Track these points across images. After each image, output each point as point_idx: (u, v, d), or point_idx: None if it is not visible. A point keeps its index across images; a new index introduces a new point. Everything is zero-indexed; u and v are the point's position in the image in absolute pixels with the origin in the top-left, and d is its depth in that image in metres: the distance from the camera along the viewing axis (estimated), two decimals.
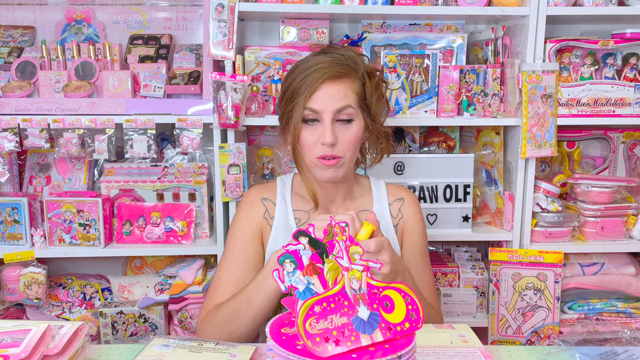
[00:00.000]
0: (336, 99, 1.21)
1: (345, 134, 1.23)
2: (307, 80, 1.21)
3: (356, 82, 1.25)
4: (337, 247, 0.85)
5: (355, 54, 1.29)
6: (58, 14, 2.01)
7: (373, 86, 1.27)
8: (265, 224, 1.34)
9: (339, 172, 1.25)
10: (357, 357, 0.79)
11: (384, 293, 0.84)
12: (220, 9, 1.69)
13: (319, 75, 1.20)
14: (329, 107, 1.21)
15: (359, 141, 1.26)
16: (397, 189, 1.41)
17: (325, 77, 1.20)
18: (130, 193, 1.87)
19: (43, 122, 1.73)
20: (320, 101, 1.21)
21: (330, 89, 1.21)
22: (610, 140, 2.02)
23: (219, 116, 1.69)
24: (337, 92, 1.21)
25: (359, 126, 1.25)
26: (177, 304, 1.77)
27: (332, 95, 1.21)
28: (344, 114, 1.22)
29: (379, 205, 1.37)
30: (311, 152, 1.23)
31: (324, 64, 1.22)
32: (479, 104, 1.85)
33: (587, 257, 1.92)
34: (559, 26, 2.00)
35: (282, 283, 0.84)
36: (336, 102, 1.21)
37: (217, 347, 1.05)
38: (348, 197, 1.36)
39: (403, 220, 1.37)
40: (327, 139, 1.20)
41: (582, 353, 1.09)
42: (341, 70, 1.22)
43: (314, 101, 1.21)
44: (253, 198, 1.37)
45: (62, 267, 2.05)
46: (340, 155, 1.23)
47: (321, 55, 1.27)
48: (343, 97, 1.21)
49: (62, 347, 0.96)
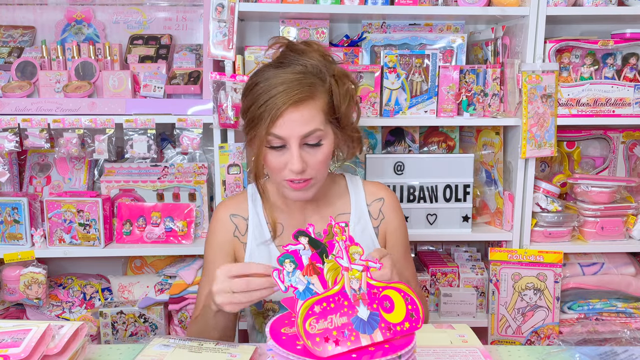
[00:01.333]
0: (302, 123, 1.12)
1: (314, 156, 1.15)
2: (269, 105, 1.11)
3: (323, 98, 1.15)
4: (337, 247, 0.85)
5: (319, 61, 1.17)
6: (58, 14, 2.01)
7: (342, 93, 1.18)
8: (236, 242, 1.29)
9: (309, 192, 1.20)
10: (357, 357, 0.79)
11: (384, 293, 0.84)
12: (220, 9, 1.69)
13: (281, 101, 1.10)
14: (295, 133, 1.12)
15: (329, 158, 1.19)
16: (376, 188, 1.35)
17: (288, 103, 1.10)
18: (130, 193, 1.87)
19: (43, 122, 1.73)
20: (285, 127, 1.11)
21: (295, 114, 1.11)
22: (610, 140, 2.02)
23: (219, 116, 1.69)
24: (301, 117, 1.11)
25: (328, 145, 1.17)
26: (177, 304, 1.77)
27: (297, 120, 1.11)
28: (311, 137, 1.13)
29: (357, 208, 1.31)
30: (279, 175, 1.17)
31: (286, 86, 1.11)
32: (478, 104, 1.85)
33: (587, 257, 1.92)
34: (559, 26, 2.00)
35: (282, 283, 0.84)
36: (302, 127, 1.12)
37: (217, 347, 1.05)
38: (322, 201, 1.30)
39: (385, 221, 1.32)
40: (295, 167, 1.13)
41: (582, 353, 1.09)
42: (306, 93, 1.12)
43: (278, 128, 1.11)
44: (221, 216, 1.31)
45: (62, 267, 2.05)
46: (311, 177, 1.17)
47: (281, 70, 1.15)
48: (309, 121, 1.12)
49: (62, 347, 0.96)
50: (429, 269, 1.98)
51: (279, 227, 1.29)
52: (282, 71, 1.15)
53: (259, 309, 1.32)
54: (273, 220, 1.28)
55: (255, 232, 1.29)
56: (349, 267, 0.84)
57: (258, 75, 1.18)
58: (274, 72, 1.15)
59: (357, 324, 0.81)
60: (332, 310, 0.81)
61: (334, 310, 0.81)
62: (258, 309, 1.32)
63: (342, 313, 0.81)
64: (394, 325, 0.83)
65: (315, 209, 1.30)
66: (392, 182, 1.85)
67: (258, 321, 1.34)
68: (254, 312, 1.34)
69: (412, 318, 0.83)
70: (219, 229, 1.31)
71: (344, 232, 0.86)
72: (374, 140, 1.94)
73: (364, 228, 1.31)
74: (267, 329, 0.88)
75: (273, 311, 1.31)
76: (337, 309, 0.81)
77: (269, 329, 0.88)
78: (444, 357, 1.04)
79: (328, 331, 0.80)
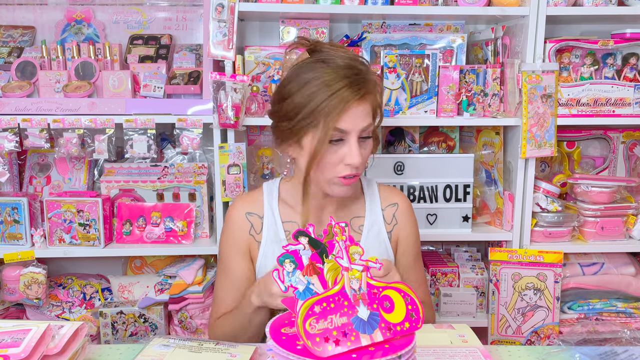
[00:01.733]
0: (362, 118, 1.15)
1: (365, 150, 1.19)
2: (333, 100, 1.12)
3: (375, 97, 1.19)
4: (337, 247, 0.85)
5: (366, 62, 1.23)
6: (58, 14, 2.01)
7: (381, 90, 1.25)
8: (252, 240, 1.30)
9: (353, 187, 1.23)
10: (357, 357, 0.79)
11: (384, 293, 0.84)
12: (220, 9, 1.69)
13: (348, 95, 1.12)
14: (357, 126, 1.15)
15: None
16: (391, 193, 1.36)
17: (355, 97, 1.13)
18: (130, 193, 1.87)
19: (43, 122, 1.73)
20: (349, 121, 1.14)
21: (358, 109, 1.14)
22: (610, 140, 2.02)
23: (219, 116, 1.69)
24: (362, 111, 1.15)
25: (373, 139, 1.22)
26: (177, 304, 1.77)
27: (359, 115, 1.15)
28: (366, 131, 1.17)
29: (372, 212, 1.32)
30: (332, 171, 1.18)
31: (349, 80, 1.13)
32: (478, 104, 1.85)
33: (587, 257, 1.92)
34: (559, 26, 2.00)
35: (282, 283, 0.84)
36: (362, 121, 1.15)
37: (217, 347, 1.05)
38: (340, 204, 1.31)
39: (398, 227, 1.33)
40: (355, 161, 1.15)
41: (582, 353, 1.09)
42: (368, 86, 1.16)
43: (343, 122, 1.13)
44: (237, 214, 1.31)
45: (62, 267, 2.05)
46: (360, 172, 1.20)
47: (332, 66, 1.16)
48: (367, 116, 1.16)
49: (62, 347, 0.96)
50: (429, 269, 1.98)
51: (294, 226, 1.29)
52: (335, 66, 1.15)
53: None
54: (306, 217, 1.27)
55: (269, 231, 1.29)
56: (349, 267, 0.84)
57: (304, 72, 1.17)
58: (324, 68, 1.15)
59: (357, 324, 0.81)
60: (332, 310, 0.81)
61: (334, 310, 0.81)
62: None
63: (342, 313, 0.81)
64: (394, 325, 0.83)
65: (332, 211, 1.30)
66: (392, 182, 1.85)
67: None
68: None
69: (412, 318, 0.83)
70: (234, 226, 1.31)
71: (344, 232, 0.86)
72: None
73: (377, 233, 1.31)
74: (267, 329, 0.88)
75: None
76: (337, 309, 0.81)
77: (269, 329, 0.88)
78: (444, 357, 1.04)
79: (328, 331, 0.80)
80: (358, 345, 0.80)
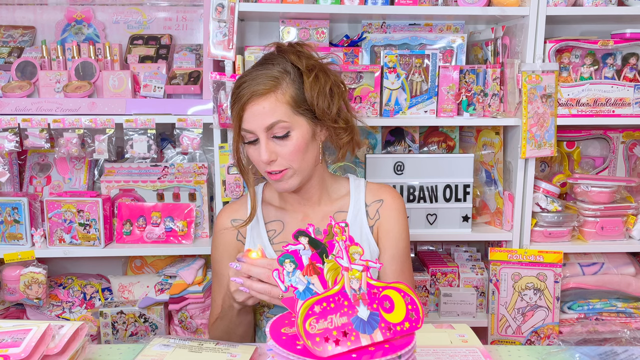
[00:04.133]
0: (263, 116, 1.18)
1: (283, 147, 1.20)
2: (236, 100, 1.20)
3: (288, 90, 1.19)
4: (337, 247, 0.85)
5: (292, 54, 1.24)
6: (58, 14, 2.02)
7: (311, 84, 1.21)
8: (240, 245, 1.35)
9: (290, 182, 1.23)
10: (357, 357, 0.79)
11: (384, 293, 0.84)
12: (220, 9, 1.69)
13: (244, 94, 1.18)
14: (259, 125, 1.18)
15: (304, 149, 1.21)
16: (379, 190, 1.36)
17: (249, 96, 1.17)
18: (130, 193, 1.87)
19: (43, 122, 1.73)
20: (250, 121, 1.19)
21: (256, 107, 1.18)
22: (610, 140, 2.02)
23: (219, 116, 1.69)
24: (262, 109, 1.18)
25: (299, 135, 1.20)
26: (177, 304, 1.77)
27: (259, 112, 1.18)
28: (276, 129, 1.18)
29: (356, 207, 1.33)
30: (259, 167, 1.25)
31: (250, 81, 1.19)
32: (478, 104, 1.85)
33: (587, 257, 1.92)
34: (559, 26, 2.00)
35: (282, 283, 0.84)
36: (264, 119, 1.18)
37: (217, 347, 1.05)
38: (324, 199, 1.33)
39: (379, 221, 1.32)
40: (263, 157, 1.19)
41: (582, 353, 1.09)
42: (265, 85, 1.18)
43: (245, 122, 1.20)
44: (223, 223, 1.36)
45: (62, 267, 2.05)
46: (285, 167, 1.21)
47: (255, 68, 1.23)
48: (270, 113, 1.18)
49: (63, 347, 0.96)
50: (429, 269, 1.98)
51: (279, 224, 1.33)
52: (254, 69, 1.23)
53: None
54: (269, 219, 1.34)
55: (253, 234, 1.33)
56: (349, 267, 0.84)
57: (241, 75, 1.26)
58: (248, 70, 1.24)
59: (357, 324, 0.81)
60: (332, 310, 0.81)
61: (334, 310, 0.81)
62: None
63: (342, 313, 0.81)
64: (394, 325, 0.83)
65: (316, 207, 1.33)
66: (392, 182, 1.85)
67: (256, 318, 1.36)
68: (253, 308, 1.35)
69: (412, 318, 0.83)
70: (221, 235, 1.36)
71: (344, 232, 0.86)
72: (374, 140, 1.94)
73: (360, 227, 1.32)
74: (267, 329, 0.88)
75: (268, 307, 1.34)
76: (337, 309, 0.81)
77: (269, 329, 0.88)
78: (444, 357, 1.04)
79: (328, 331, 0.80)
80: (358, 345, 0.80)
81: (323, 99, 1.22)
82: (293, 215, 1.33)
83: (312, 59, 1.26)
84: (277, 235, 1.32)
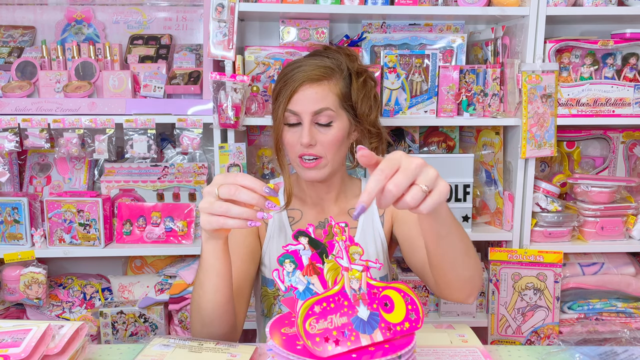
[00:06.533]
0: (314, 101, 1.22)
1: (324, 135, 1.23)
2: (288, 82, 1.23)
3: (339, 84, 1.25)
4: (337, 247, 0.85)
5: (343, 55, 1.30)
6: (58, 14, 2.02)
7: (359, 86, 1.28)
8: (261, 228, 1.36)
9: (321, 172, 1.26)
10: (357, 357, 0.79)
11: (384, 293, 0.84)
12: (220, 9, 1.69)
13: (298, 77, 1.22)
14: (307, 108, 1.22)
15: (340, 142, 1.26)
16: None
17: (303, 79, 1.22)
18: (130, 193, 1.87)
19: (43, 122, 1.73)
20: (299, 103, 1.22)
21: (309, 91, 1.22)
22: (610, 140, 2.02)
23: (219, 116, 1.69)
24: (315, 94, 1.22)
25: (339, 128, 1.24)
26: (177, 304, 1.77)
27: (310, 97, 1.22)
28: (322, 116, 1.22)
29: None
30: (292, 151, 1.26)
31: (306, 67, 1.23)
32: (478, 104, 1.85)
33: (587, 257, 1.92)
34: (559, 26, 2.00)
35: (282, 283, 0.84)
36: (314, 104, 1.22)
37: (217, 347, 1.05)
38: (341, 196, 1.37)
39: (390, 209, 1.35)
40: (304, 140, 1.21)
41: (582, 353, 1.09)
42: (321, 72, 1.23)
43: (293, 103, 1.23)
44: None
45: (62, 267, 2.05)
46: (321, 156, 1.24)
47: (309, 58, 1.29)
48: (321, 100, 1.22)
49: (63, 347, 0.96)
50: None
51: (297, 213, 1.36)
52: (308, 59, 1.28)
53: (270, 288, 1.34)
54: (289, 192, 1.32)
55: (275, 217, 1.35)
56: (349, 267, 0.84)
57: (290, 62, 1.30)
58: (303, 59, 1.29)
59: (357, 324, 0.81)
60: (332, 310, 0.81)
61: (334, 310, 0.81)
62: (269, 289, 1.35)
63: (342, 313, 0.81)
64: (394, 325, 0.83)
65: (334, 201, 1.36)
66: None
67: (268, 303, 1.36)
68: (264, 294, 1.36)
69: (412, 318, 0.83)
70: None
71: (344, 232, 0.86)
72: None
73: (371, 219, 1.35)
74: (267, 329, 0.88)
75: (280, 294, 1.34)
76: (337, 309, 0.81)
77: (268, 329, 0.88)
78: (444, 357, 1.04)
79: (328, 331, 0.80)
80: (358, 345, 0.80)
81: (367, 102, 1.29)
82: (312, 207, 1.36)
83: (362, 65, 1.34)
84: (295, 223, 1.35)
